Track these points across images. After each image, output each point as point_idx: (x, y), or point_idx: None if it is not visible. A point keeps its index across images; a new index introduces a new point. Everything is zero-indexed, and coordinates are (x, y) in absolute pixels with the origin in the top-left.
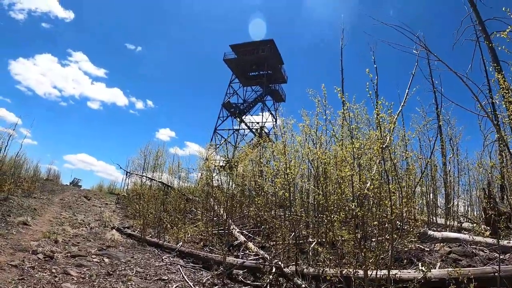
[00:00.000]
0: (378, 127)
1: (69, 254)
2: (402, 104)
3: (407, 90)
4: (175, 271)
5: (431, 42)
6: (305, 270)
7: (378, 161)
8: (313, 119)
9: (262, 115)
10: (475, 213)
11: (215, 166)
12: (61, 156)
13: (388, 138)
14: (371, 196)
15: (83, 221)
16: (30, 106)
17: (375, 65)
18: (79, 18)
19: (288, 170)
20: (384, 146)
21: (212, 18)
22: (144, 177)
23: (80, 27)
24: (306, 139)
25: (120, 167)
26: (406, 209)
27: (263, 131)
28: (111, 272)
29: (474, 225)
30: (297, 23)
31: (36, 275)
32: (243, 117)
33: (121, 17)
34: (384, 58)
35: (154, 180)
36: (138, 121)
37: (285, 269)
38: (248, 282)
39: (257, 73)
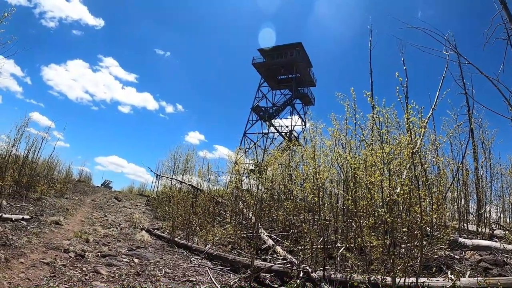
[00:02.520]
0: (409, 132)
1: (99, 253)
2: (432, 107)
3: (437, 93)
4: (203, 273)
5: (460, 43)
6: (332, 275)
7: (408, 166)
8: (343, 123)
9: (291, 119)
10: (507, 219)
11: (245, 169)
12: (92, 158)
13: (418, 142)
14: (401, 202)
15: (114, 221)
16: (62, 110)
17: (404, 67)
18: (109, 25)
19: (317, 175)
20: (414, 151)
21: (240, 23)
22: (174, 180)
23: (110, 33)
24: (335, 143)
25: (151, 170)
26: (436, 215)
27: (292, 135)
28: (140, 272)
29: (506, 232)
30: (318, 27)
31: (67, 273)
32: (272, 120)
33: (149, 23)
34: (413, 61)
35: (184, 182)
36: (168, 124)
37: (313, 274)
38: (275, 286)
39: (286, 76)
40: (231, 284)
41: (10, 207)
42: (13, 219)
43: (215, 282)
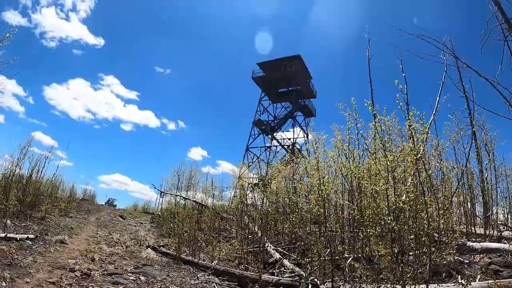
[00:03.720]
0: (411, 138)
1: (105, 272)
2: (434, 112)
3: (437, 98)
4: None
5: (457, 47)
6: (341, 286)
7: (412, 172)
8: (345, 133)
9: (293, 131)
10: None
11: (249, 184)
12: (96, 176)
13: (421, 149)
14: (407, 209)
15: (119, 239)
16: (65, 129)
17: (403, 74)
18: (109, 44)
19: (322, 186)
20: (417, 157)
21: (237, 38)
22: (178, 197)
23: (110, 52)
24: (338, 154)
25: (155, 187)
26: (443, 220)
27: (295, 147)
28: None
29: None
30: (315, 36)
31: None
32: (275, 134)
33: (149, 41)
34: (412, 68)
35: (188, 199)
36: (170, 141)
37: (321, 286)
38: None
39: (286, 89)
40: None
41: (15, 227)
42: (18, 239)
43: None
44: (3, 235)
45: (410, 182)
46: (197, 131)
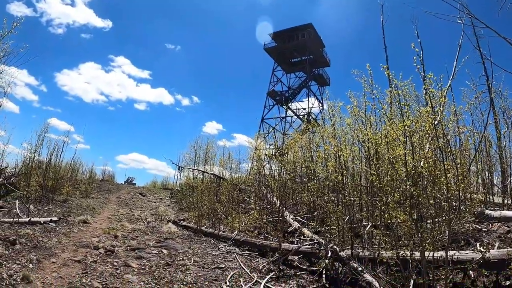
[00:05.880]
0: (429, 102)
1: (128, 247)
2: (451, 77)
3: (455, 63)
4: (231, 259)
5: (474, 10)
6: (360, 253)
7: (430, 138)
8: (361, 100)
9: (308, 101)
10: None
11: (266, 154)
12: (113, 157)
13: (439, 113)
14: (426, 174)
15: (140, 216)
16: (80, 113)
17: (419, 40)
18: (116, 25)
19: (340, 152)
20: (436, 122)
21: (248, 10)
22: (196, 171)
23: (118, 33)
24: (356, 119)
25: (172, 162)
26: (462, 186)
27: (310, 117)
28: (170, 263)
29: None
30: (327, 5)
31: (98, 269)
32: (289, 104)
33: (156, 19)
34: (428, 32)
35: (206, 172)
36: (185, 117)
37: (341, 253)
38: (304, 267)
39: (299, 59)
40: (260, 268)
41: (38, 211)
42: (42, 222)
43: (244, 267)
44: (27, 219)
45: (428, 148)
46: (211, 106)
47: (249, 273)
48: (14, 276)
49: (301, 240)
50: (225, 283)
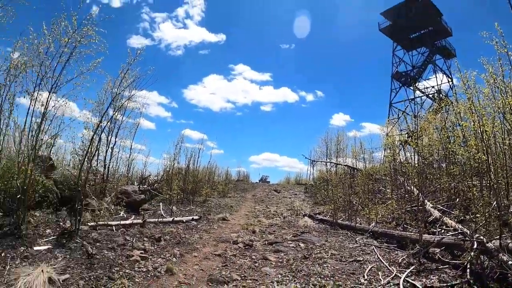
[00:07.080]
0: None
1: (266, 242)
2: None
3: None
4: (369, 252)
5: None
6: (510, 244)
7: None
8: (496, 65)
9: (436, 77)
10: None
11: (399, 140)
12: (246, 158)
13: None
14: None
15: (276, 212)
16: (210, 122)
17: None
18: (230, 37)
19: (482, 128)
20: None
21: None
22: (329, 163)
23: (233, 44)
24: (494, 89)
25: (305, 157)
26: None
27: (441, 94)
28: (307, 256)
29: None
30: None
31: (237, 262)
32: (417, 84)
33: (266, 23)
34: None
35: (339, 164)
36: (310, 112)
37: (488, 244)
38: (446, 260)
39: (418, 33)
40: (399, 261)
41: (180, 211)
42: (184, 221)
43: (382, 260)
44: (170, 219)
45: None
46: (336, 98)
47: (388, 267)
48: (159, 269)
49: (443, 231)
50: (363, 276)
